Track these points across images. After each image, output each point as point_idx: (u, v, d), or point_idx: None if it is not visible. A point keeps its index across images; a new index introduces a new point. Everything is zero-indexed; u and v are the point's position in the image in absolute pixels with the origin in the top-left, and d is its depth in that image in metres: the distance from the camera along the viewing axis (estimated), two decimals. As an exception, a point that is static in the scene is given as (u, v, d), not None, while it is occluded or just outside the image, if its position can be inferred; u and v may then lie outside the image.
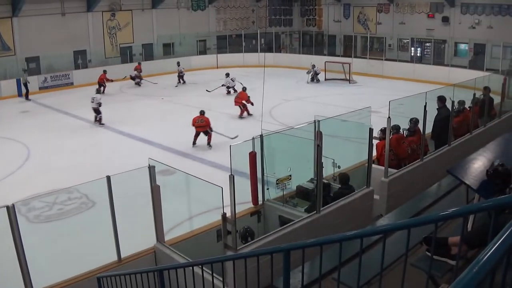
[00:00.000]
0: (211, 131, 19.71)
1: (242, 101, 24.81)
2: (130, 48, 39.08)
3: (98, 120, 24.03)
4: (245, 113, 24.89)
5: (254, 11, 47.14)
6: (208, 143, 19.74)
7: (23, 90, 31.20)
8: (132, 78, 34.51)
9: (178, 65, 34.92)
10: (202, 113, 20.24)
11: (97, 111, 24.07)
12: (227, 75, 31.05)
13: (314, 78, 34.87)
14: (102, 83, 31.96)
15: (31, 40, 33.13)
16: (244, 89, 25.82)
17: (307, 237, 6.85)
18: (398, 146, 11.61)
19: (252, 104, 24.44)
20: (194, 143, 19.76)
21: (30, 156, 18.90)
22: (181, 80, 35.02)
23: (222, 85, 30.92)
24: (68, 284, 7.39)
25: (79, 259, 9.49)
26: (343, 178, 10.02)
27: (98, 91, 27.04)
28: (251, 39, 45.00)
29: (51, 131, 22.52)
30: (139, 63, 35.84)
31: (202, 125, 19.76)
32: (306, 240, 4.08)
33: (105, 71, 32.76)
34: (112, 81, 32.28)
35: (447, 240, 5.40)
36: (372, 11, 42.98)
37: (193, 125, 19.78)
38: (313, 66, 34.95)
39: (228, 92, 30.63)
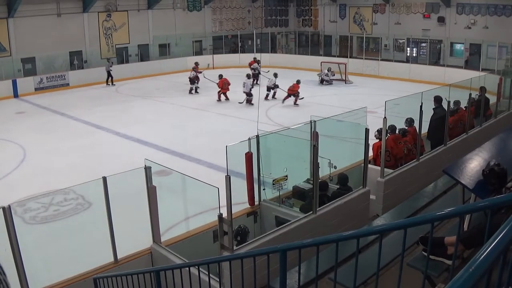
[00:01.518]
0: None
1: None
2: (126, 48, 39.07)
3: (249, 101, 26.72)
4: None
5: (250, 12, 47.13)
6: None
7: (107, 77, 34.72)
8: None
9: (197, 65, 33.09)
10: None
11: (249, 94, 25.97)
12: (276, 75, 29.64)
13: (324, 80, 34.48)
14: (195, 75, 32.51)
15: (27, 41, 33.08)
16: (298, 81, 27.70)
17: (303, 238, 6.86)
18: (395, 146, 11.63)
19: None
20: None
21: (26, 157, 18.85)
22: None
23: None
24: (65, 285, 7.37)
25: (75, 260, 9.48)
26: (342, 178, 10.03)
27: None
28: (247, 40, 45.01)
29: (47, 132, 22.49)
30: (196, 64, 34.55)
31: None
32: (302, 240, 4.08)
33: (196, 63, 33.14)
34: (201, 72, 32.33)
35: (443, 240, 5.41)
36: (368, 11, 43.03)
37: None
38: (329, 69, 34.87)
39: (267, 96, 29.12)
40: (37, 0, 33.21)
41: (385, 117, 10.46)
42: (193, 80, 31.18)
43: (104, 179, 7.35)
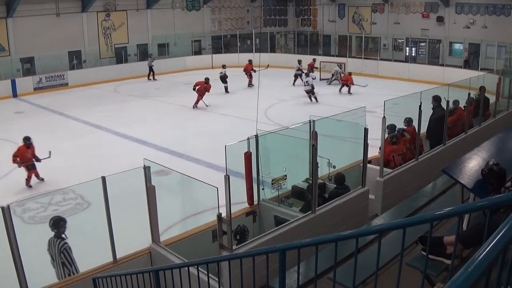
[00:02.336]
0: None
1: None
2: (125, 48, 39.07)
3: (315, 98, 27.47)
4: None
5: (249, 11, 47.15)
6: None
7: (149, 72, 36.79)
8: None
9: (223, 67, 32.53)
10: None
11: (311, 92, 26.64)
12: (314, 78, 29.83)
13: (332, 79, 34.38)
14: (248, 72, 33.18)
15: (26, 41, 33.08)
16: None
17: (302, 237, 6.86)
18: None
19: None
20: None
21: (25, 157, 18.83)
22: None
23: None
24: (64, 285, 7.38)
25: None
26: (339, 178, 10.03)
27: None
28: (246, 39, 45.02)
29: (46, 132, 22.45)
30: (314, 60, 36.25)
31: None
32: (301, 240, 4.08)
33: (250, 61, 33.56)
34: (255, 71, 32.52)
35: (442, 240, 5.42)
36: (367, 11, 43.04)
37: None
38: (340, 66, 34.92)
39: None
40: (36, 0, 33.18)
41: (384, 117, 10.46)
42: (224, 79, 31.27)
43: (103, 179, 7.34)
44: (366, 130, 9.64)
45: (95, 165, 16.70)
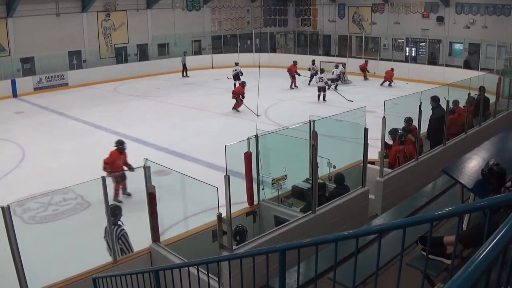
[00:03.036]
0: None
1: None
2: (125, 48, 39.07)
3: (324, 96, 27.72)
4: None
5: (249, 11, 47.15)
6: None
7: (182, 69, 38.50)
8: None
9: (236, 65, 33.40)
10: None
11: (322, 88, 26.56)
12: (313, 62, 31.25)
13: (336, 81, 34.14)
14: (292, 73, 33.35)
15: (26, 41, 33.07)
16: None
17: (302, 237, 6.85)
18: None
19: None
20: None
21: (25, 157, 18.86)
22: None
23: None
24: (64, 285, 7.37)
25: (74, 260, 9.46)
26: (339, 178, 10.03)
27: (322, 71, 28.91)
28: (246, 39, 45.02)
29: (46, 131, 22.49)
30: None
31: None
32: (301, 240, 4.08)
33: (295, 62, 33.97)
34: (299, 75, 33.37)
35: (442, 240, 5.41)
36: (367, 11, 43.03)
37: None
38: (344, 66, 35.06)
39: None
40: (36, 0, 33.18)
41: (384, 117, 10.46)
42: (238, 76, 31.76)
43: (103, 179, 7.35)
44: (366, 130, 9.64)
45: (95, 165, 16.69)
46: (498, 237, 2.04)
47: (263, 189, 9.58)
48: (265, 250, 4.50)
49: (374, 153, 11.76)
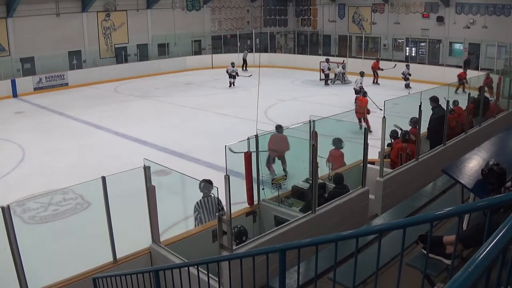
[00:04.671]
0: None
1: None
2: (125, 48, 39.07)
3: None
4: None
5: (249, 11, 47.15)
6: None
7: (243, 64, 39.66)
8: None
9: (233, 66, 33.73)
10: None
11: (358, 91, 25.40)
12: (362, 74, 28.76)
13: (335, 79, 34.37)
14: (376, 70, 34.06)
15: (26, 41, 33.09)
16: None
17: (302, 237, 6.85)
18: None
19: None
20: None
21: (25, 157, 18.87)
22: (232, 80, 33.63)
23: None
24: (64, 285, 7.36)
25: (74, 260, 9.47)
26: (338, 178, 10.03)
27: (362, 75, 27.79)
28: (246, 39, 45.03)
29: (46, 132, 22.50)
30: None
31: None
32: (301, 240, 4.08)
33: (378, 59, 34.73)
34: (382, 69, 33.83)
35: (442, 239, 5.41)
36: (367, 11, 43.03)
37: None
38: (343, 66, 34.95)
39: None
40: (36, 0, 33.18)
41: (384, 117, 10.46)
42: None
43: (103, 178, 7.34)
44: (366, 130, 9.65)
45: (95, 165, 16.71)
46: (498, 237, 2.04)
47: (263, 189, 9.58)
48: (265, 250, 4.50)
49: (374, 153, 11.75)
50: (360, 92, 23.97)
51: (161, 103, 28.79)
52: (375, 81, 34.03)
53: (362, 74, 27.76)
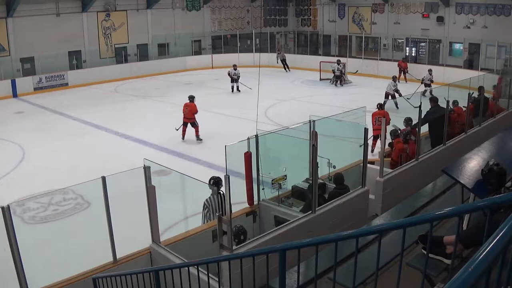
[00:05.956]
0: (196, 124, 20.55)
1: None
2: (125, 48, 39.04)
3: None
4: None
5: (249, 11, 47.14)
6: (197, 136, 20.52)
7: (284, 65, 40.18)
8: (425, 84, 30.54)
9: (235, 68, 31.85)
10: (190, 99, 21.02)
11: (387, 96, 24.89)
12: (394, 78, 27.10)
13: (334, 80, 34.01)
14: (402, 68, 34.34)
15: (26, 41, 33.08)
16: None
17: (302, 237, 6.85)
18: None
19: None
20: (182, 137, 20.62)
21: (25, 156, 18.86)
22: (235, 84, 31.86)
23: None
24: (64, 285, 7.37)
25: (74, 260, 9.48)
26: (338, 178, 10.03)
27: (394, 79, 26.29)
28: (246, 39, 45.02)
29: (46, 131, 22.50)
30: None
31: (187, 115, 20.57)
32: (301, 240, 4.08)
33: (404, 59, 35.16)
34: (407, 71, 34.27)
35: (442, 239, 5.41)
36: (367, 11, 43.02)
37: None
38: (343, 65, 34.61)
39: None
40: (36, 0, 33.17)
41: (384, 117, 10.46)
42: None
43: (103, 178, 7.34)
44: (366, 130, 9.65)
45: (95, 165, 16.70)
46: (498, 237, 2.05)
47: (263, 189, 9.58)
48: (265, 250, 4.50)
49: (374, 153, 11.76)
50: (394, 97, 24.04)
51: (161, 103, 28.77)
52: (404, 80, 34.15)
53: (394, 78, 26.36)
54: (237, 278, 4.84)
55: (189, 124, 20.60)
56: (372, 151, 15.89)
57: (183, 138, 20.61)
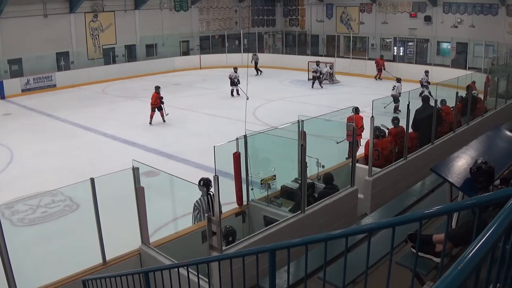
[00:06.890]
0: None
1: None
2: (113, 49, 38.89)
3: (395, 108, 23.45)
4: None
5: (237, 12, 47.12)
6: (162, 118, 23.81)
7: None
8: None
9: (235, 71, 30.44)
10: (155, 89, 24.29)
11: (396, 99, 23.73)
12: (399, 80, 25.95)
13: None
14: (379, 67, 35.18)
15: (13, 42, 32.83)
16: None
17: (292, 237, 6.86)
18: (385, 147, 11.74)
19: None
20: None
21: (13, 159, 18.75)
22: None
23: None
24: (53, 287, 7.34)
25: (63, 262, 9.43)
26: (327, 178, 10.04)
27: (399, 81, 25.41)
28: (234, 40, 45.01)
29: (34, 133, 22.38)
30: None
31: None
32: (291, 240, 4.08)
33: (382, 56, 35.81)
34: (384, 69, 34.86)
35: (431, 238, 5.43)
36: (354, 11, 43.14)
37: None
38: (331, 66, 34.83)
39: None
40: (24, 1, 32.98)
41: (372, 116, 10.49)
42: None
43: (92, 180, 7.32)
44: (354, 130, 9.67)
45: (84, 166, 16.64)
46: (487, 235, 2.06)
47: (252, 189, 9.58)
48: (255, 250, 4.50)
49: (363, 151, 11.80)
50: (398, 101, 23.38)
51: (149, 104, 28.65)
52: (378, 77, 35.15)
53: (399, 80, 25.40)
54: (227, 278, 4.83)
55: (156, 110, 23.84)
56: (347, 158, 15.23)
57: (150, 123, 23.75)
